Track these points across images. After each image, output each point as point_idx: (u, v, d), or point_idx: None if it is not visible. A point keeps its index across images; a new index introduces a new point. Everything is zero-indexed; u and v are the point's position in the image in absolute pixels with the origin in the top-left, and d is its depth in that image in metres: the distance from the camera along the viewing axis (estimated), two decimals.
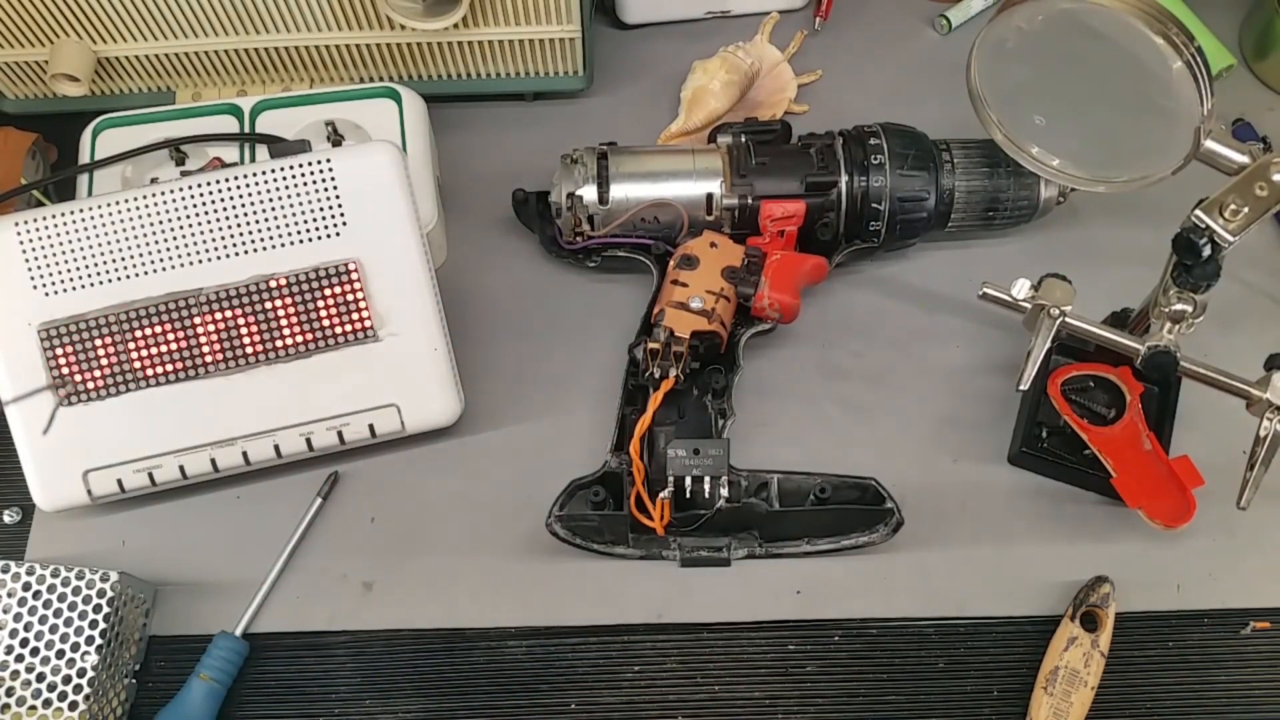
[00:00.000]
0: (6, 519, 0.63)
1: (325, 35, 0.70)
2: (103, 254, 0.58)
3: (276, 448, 0.61)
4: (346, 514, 0.64)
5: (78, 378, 0.59)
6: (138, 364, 0.59)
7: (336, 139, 0.68)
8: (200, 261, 0.59)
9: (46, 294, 0.58)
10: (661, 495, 0.59)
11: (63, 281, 0.58)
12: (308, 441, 0.61)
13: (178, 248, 0.59)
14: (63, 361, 0.58)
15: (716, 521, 0.60)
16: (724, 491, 0.59)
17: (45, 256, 0.58)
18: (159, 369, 0.59)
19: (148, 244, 0.59)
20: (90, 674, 0.55)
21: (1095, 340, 0.59)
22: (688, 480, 0.58)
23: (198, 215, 0.59)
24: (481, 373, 0.67)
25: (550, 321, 0.69)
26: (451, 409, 0.63)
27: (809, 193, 0.65)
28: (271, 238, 0.59)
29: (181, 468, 0.60)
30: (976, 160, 0.66)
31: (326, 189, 0.59)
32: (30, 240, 0.58)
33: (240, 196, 0.59)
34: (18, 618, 0.56)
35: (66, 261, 0.58)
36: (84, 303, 0.58)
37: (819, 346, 0.68)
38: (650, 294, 0.65)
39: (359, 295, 0.60)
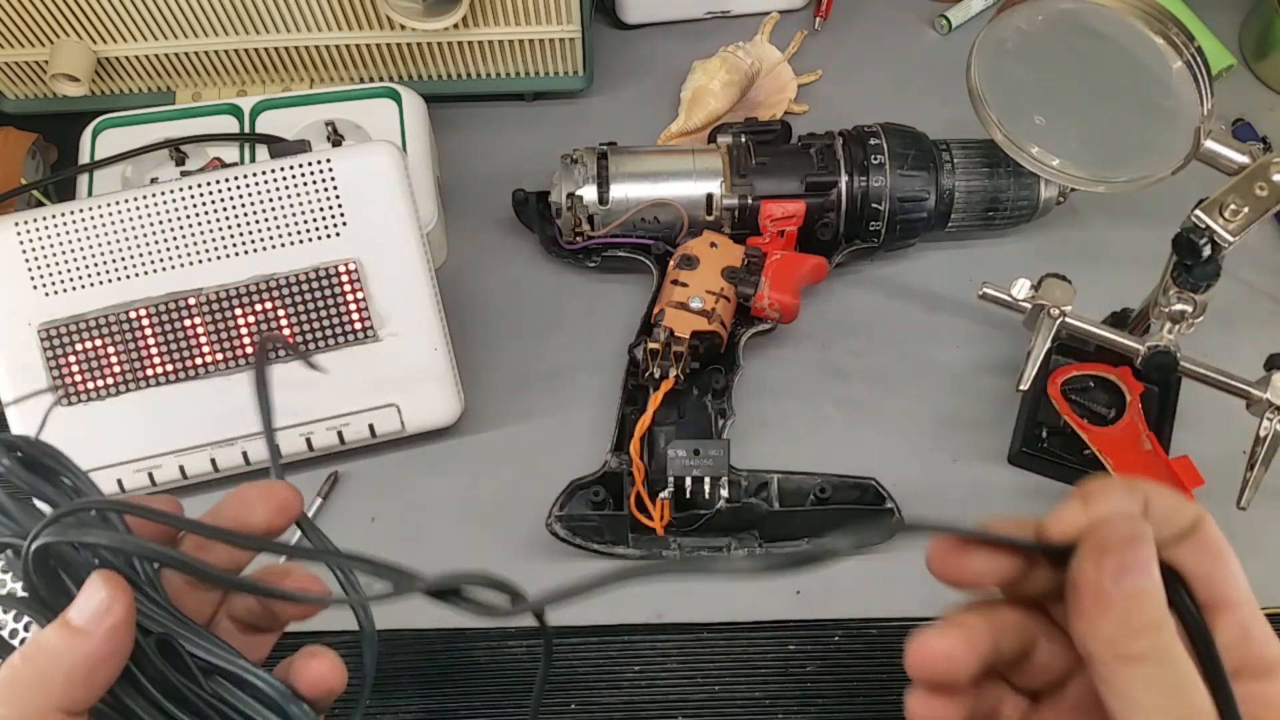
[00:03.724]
0: None
1: (325, 35, 0.70)
2: (103, 254, 0.58)
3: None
4: (346, 514, 0.64)
5: (78, 378, 0.59)
6: (138, 364, 0.59)
7: (336, 139, 0.68)
8: (200, 261, 0.59)
9: (46, 294, 0.58)
10: (661, 495, 0.59)
11: (63, 281, 0.58)
12: (308, 441, 0.61)
13: (178, 248, 0.59)
14: (63, 361, 0.58)
15: (716, 521, 0.60)
16: (724, 492, 0.59)
17: (45, 256, 0.58)
18: (159, 369, 0.59)
19: (148, 244, 0.59)
20: None
21: (1095, 340, 0.59)
22: (688, 480, 0.58)
23: (198, 215, 0.59)
24: (481, 373, 0.67)
25: (550, 321, 0.69)
26: (451, 409, 0.63)
27: (809, 193, 0.65)
28: (271, 238, 0.59)
29: (181, 468, 0.60)
30: (976, 160, 0.66)
31: (326, 189, 0.59)
32: (30, 240, 0.58)
33: (240, 196, 0.59)
34: (18, 616, 0.56)
35: (66, 261, 0.58)
36: (84, 303, 0.58)
37: (819, 346, 0.68)
38: (650, 294, 0.65)
39: (359, 295, 0.60)
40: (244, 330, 0.59)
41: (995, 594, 0.34)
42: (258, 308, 0.59)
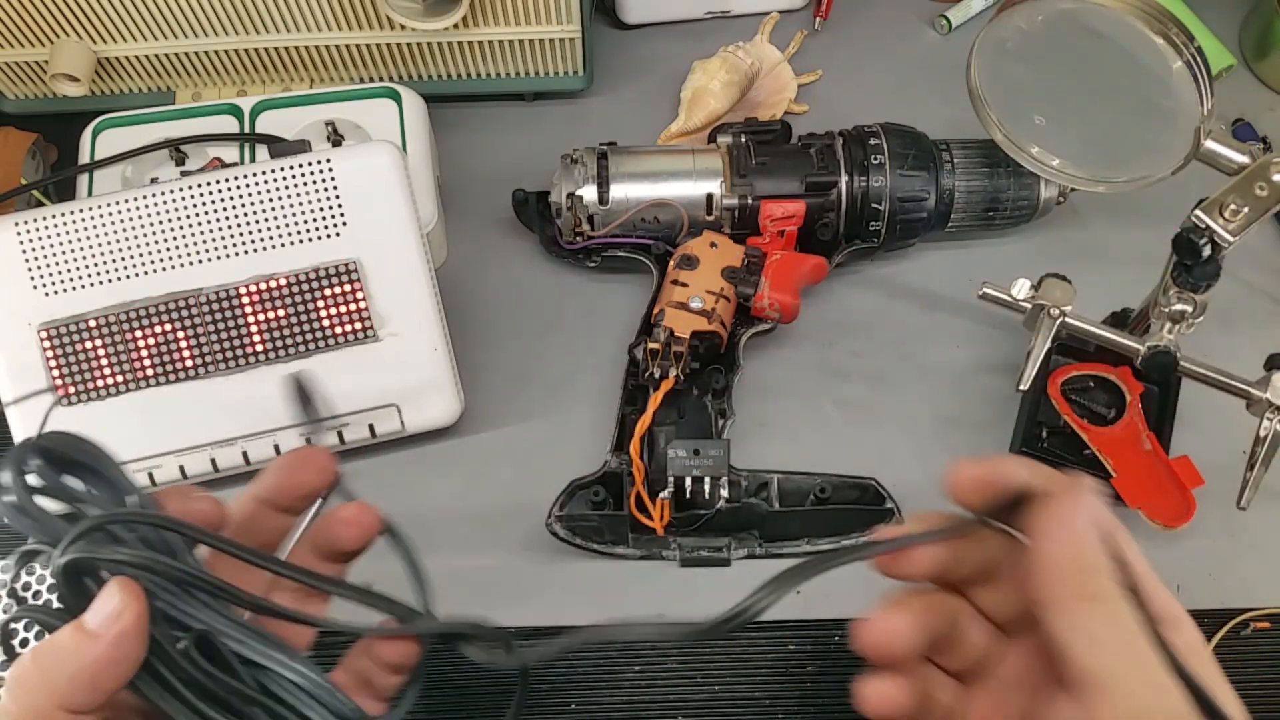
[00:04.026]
0: (6, 519, 0.63)
1: (325, 35, 0.70)
2: (103, 254, 0.58)
3: (276, 448, 0.61)
4: None
5: (78, 378, 0.59)
6: (138, 364, 0.59)
7: (336, 139, 0.68)
8: (200, 261, 0.59)
9: (46, 294, 0.58)
10: (661, 495, 0.59)
11: (63, 281, 0.58)
12: (308, 442, 0.61)
13: (178, 248, 0.59)
14: (63, 361, 0.58)
15: (716, 521, 0.60)
16: (724, 492, 0.59)
17: (45, 256, 0.58)
18: (159, 369, 0.59)
19: (148, 244, 0.59)
20: None
21: (1095, 340, 0.59)
22: (688, 480, 0.58)
23: (198, 215, 0.59)
24: (481, 373, 0.67)
25: (550, 321, 0.69)
26: (451, 409, 0.63)
27: (809, 193, 0.65)
28: (271, 238, 0.59)
29: (181, 468, 0.60)
30: (976, 160, 0.66)
31: (326, 189, 0.59)
32: (30, 240, 0.58)
33: (240, 196, 0.59)
34: (18, 617, 0.56)
35: (66, 261, 0.58)
36: (84, 303, 0.58)
37: (819, 346, 0.68)
38: (650, 294, 0.65)
39: (359, 295, 0.60)
40: (245, 330, 0.59)
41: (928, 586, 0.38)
42: (258, 308, 0.59)
